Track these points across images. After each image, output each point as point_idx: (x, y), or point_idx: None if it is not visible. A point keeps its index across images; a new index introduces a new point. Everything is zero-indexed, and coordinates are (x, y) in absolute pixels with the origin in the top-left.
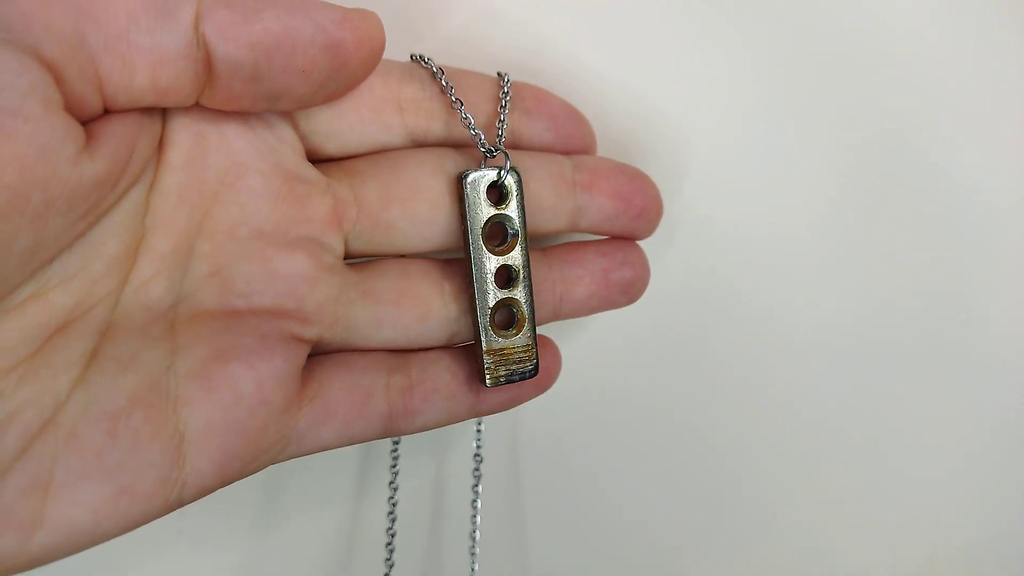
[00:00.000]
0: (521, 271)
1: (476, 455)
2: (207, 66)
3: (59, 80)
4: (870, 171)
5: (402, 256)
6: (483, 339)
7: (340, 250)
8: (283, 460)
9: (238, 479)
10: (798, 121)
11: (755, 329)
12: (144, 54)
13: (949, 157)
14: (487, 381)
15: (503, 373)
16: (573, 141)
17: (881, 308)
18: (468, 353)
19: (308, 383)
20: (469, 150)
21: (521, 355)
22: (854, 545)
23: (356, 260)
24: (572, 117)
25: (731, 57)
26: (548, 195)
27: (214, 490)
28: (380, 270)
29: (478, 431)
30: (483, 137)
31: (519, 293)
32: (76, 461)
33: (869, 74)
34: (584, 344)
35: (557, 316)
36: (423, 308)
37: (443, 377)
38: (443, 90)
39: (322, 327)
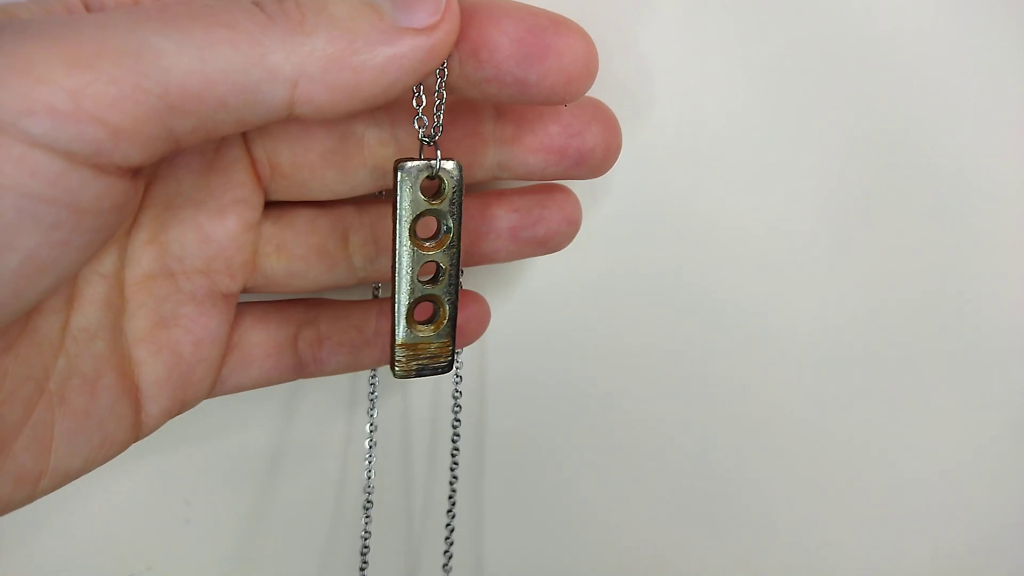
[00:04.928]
0: (449, 270)
1: (451, 471)
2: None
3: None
4: (867, 164)
5: (321, 201)
6: (397, 331)
7: (262, 206)
8: (212, 397)
9: (177, 416)
10: (794, 114)
11: (751, 325)
12: None
13: (946, 151)
14: (395, 372)
15: (414, 367)
16: (528, 92)
17: (881, 303)
18: (378, 310)
19: (231, 334)
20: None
21: (436, 351)
22: (856, 543)
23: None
24: (529, 58)
25: (728, 48)
26: (456, 153)
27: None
28: (291, 222)
29: (456, 397)
30: (426, 121)
31: (442, 291)
32: (70, 421)
33: (867, 66)
34: (566, 336)
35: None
36: (329, 261)
37: (349, 334)
38: None
39: (246, 279)
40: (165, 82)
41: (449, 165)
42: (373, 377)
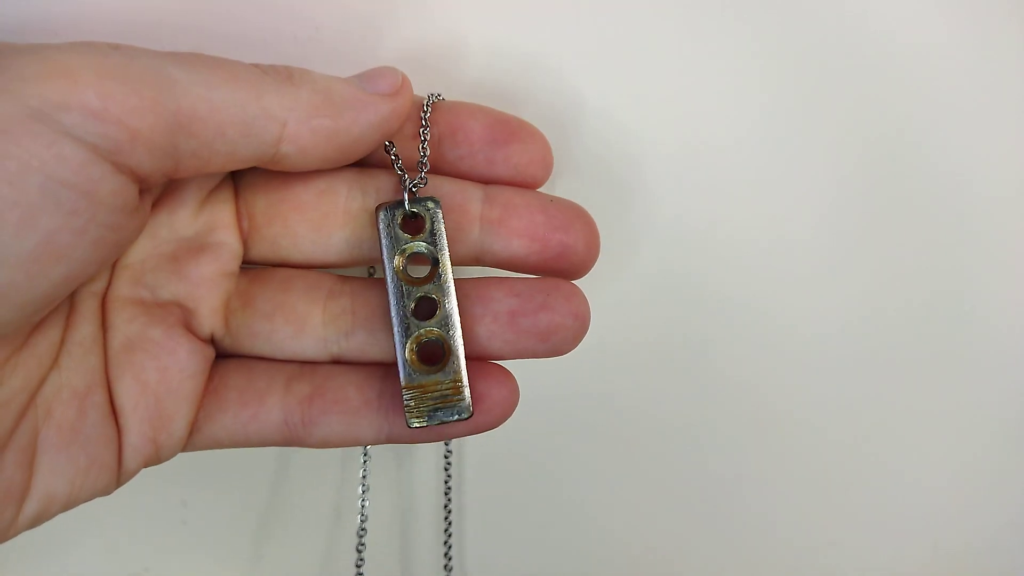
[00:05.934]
0: (444, 303)
1: (446, 468)
2: None
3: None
4: (868, 171)
5: (297, 266)
6: (401, 374)
7: (241, 254)
8: (190, 451)
9: (157, 463)
10: (798, 122)
11: (753, 330)
12: None
13: (947, 157)
14: (408, 421)
15: (427, 411)
16: (495, 169)
17: (882, 307)
18: (384, 373)
19: (210, 378)
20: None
21: (447, 391)
22: (856, 543)
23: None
24: (496, 141)
25: (731, 57)
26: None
27: (140, 471)
28: (264, 279)
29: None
30: (404, 172)
31: (440, 325)
32: (55, 436)
33: (868, 73)
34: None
35: None
36: (296, 325)
37: (347, 391)
38: None
39: (214, 328)
40: (178, 101)
41: (425, 200)
42: None
